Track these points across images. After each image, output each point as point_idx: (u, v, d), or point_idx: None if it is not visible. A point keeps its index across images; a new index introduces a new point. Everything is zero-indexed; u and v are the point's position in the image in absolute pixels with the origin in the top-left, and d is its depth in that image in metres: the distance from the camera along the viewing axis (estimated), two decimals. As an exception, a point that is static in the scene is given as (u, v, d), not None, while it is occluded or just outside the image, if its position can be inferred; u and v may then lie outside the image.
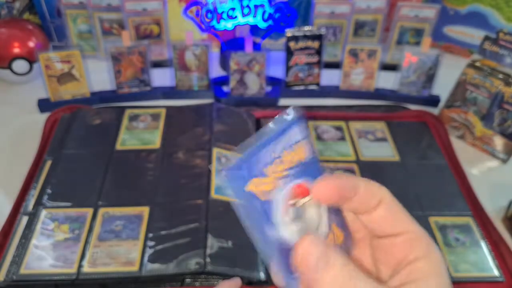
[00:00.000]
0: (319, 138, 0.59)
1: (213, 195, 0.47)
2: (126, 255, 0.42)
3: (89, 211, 0.46)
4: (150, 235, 0.44)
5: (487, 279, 0.44)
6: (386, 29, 0.79)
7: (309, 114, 0.64)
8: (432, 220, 0.49)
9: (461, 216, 0.49)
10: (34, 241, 0.43)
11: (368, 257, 0.23)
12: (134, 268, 0.41)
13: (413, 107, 0.69)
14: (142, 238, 0.44)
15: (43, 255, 0.42)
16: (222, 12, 0.67)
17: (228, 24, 0.68)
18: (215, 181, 0.49)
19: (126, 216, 0.46)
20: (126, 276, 0.41)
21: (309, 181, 0.21)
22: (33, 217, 0.45)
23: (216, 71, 0.76)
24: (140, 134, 0.57)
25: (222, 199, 0.47)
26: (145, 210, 0.46)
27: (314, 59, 0.69)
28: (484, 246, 0.47)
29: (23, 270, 0.40)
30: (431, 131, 0.62)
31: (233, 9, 0.67)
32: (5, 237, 0.45)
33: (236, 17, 0.68)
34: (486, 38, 0.60)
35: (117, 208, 0.47)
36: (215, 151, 0.53)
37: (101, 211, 0.46)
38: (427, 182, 0.53)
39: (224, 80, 0.70)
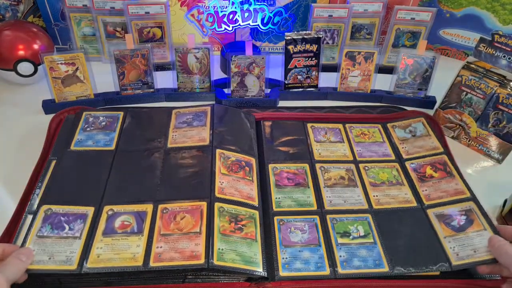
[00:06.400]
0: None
1: (216, 194, 0.49)
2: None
3: (93, 209, 0.47)
4: (154, 232, 0.45)
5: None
6: (383, 32, 0.80)
7: (307, 116, 0.65)
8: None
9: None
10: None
11: None
12: (138, 263, 0.42)
13: (409, 108, 0.71)
14: (146, 234, 0.45)
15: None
16: (223, 16, 0.69)
17: (229, 28, 0.70)
18: (218, 180, 0.50)
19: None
20: (130, 271, 0.42)
21: None
22: (38, 215, 0.46)
23: (217, 74, 0.77)
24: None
25: (225, 198, 0.49)
26: (148, 207, 0.47)
27: (313, 62, 0.70)
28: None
29: (28, 267, 0.41)
30: (427, 131, 0.63)
31: (233, 13, 0.68)
32: (10, 235, 0.46)
33: (236, 21, 0.69)
34: (482, 40, 0.61)
35: (121, 205, 0.48)
36: (217, 151, 0.54)
37: (106, 208, 0.47)
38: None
39: (225, 82, 0.72)
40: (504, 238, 0.44)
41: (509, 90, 0.58)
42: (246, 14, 0.69)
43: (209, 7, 0.68)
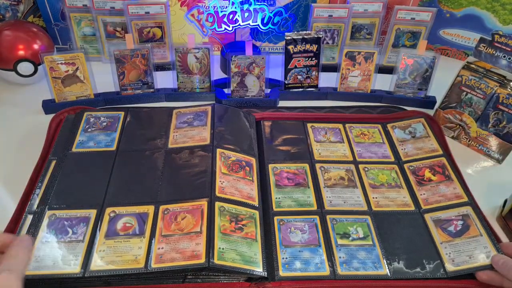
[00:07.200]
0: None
1: (217, 193, 0.49)
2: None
3: (94, 210, 0.47)
4: (156, 233, 0.45)
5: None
6: (383, 32, 0.80)
7: (307, 116, 0.65)
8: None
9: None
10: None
11: None
12: (140, 265, 0.42)
13: (409, 108, 0.71)
14: (147, 235, 0.45)
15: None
16: (223, 16, 0.69)
17: (229, 28, 0.70)
18: (218, 179, 0.50)
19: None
20: (131, 273, 0.42)
21: None
22: (38, 216, 0.46)
23: (217, 74, 0.77)
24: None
25: (225, 197, 0.49)
26: (150, 209, 0.47)
27: (313, 62, 0.70)
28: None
29: (28, 268, 0.41)
30: (427, 131, 0.63)
31: (233, 13, 0.68)
32: (10, 235, 0.46)
33: (236, 21, 0.69)
34: (482, 40, 0.61)
35: (122, 207, 0.48)
36: (218, 151, 0.54)
37: (108, 210, 0.47)
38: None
39: (225, 82, 0.72)
40: (507, 254, 0.44)
41: (509, 90, 0.59)
42: (246, 14, 0.69)
43: (209, 7, 0.68)
